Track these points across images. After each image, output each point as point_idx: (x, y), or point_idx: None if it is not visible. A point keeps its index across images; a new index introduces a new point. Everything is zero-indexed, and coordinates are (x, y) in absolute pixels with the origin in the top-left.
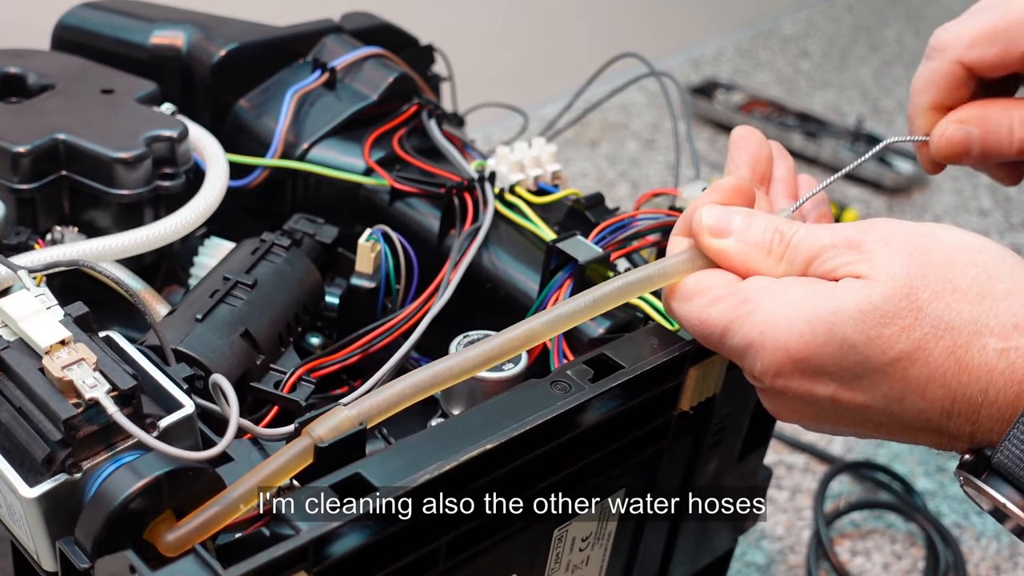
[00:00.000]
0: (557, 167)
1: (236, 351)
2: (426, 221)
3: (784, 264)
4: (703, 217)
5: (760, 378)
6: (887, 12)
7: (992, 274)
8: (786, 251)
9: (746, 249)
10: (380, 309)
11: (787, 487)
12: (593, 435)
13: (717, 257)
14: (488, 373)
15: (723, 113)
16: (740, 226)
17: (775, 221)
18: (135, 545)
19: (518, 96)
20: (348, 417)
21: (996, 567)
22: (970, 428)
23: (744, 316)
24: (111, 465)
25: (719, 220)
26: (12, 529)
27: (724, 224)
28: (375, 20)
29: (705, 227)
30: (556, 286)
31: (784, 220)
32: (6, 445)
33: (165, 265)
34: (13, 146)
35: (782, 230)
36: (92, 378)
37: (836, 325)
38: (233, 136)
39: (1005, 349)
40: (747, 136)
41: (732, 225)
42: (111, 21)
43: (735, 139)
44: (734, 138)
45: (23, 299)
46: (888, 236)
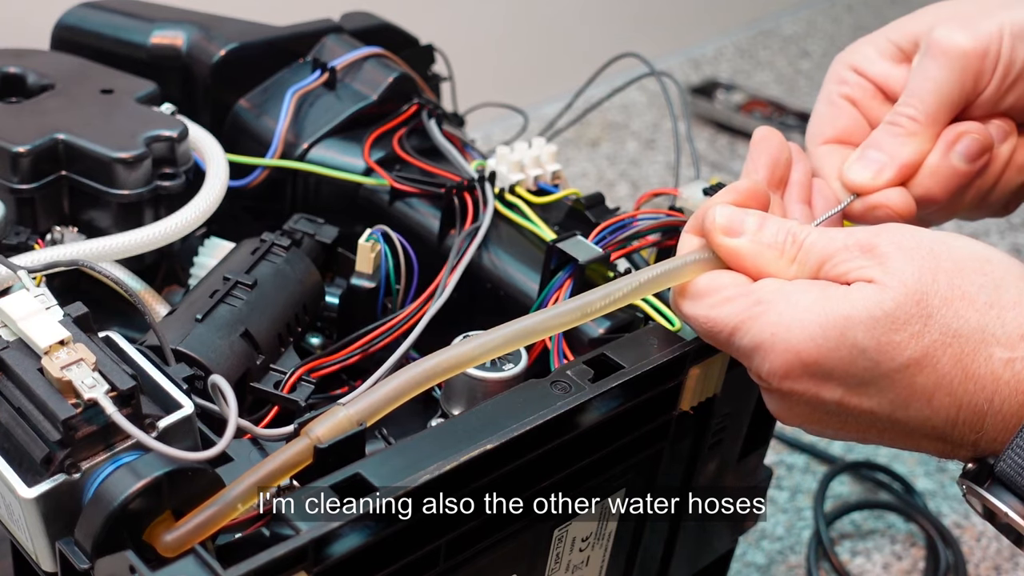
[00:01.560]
0: (557, 167)
1: (236, 351)
2: (426, 221)
3: (796, 266)
4: (716, 216)
5: (767, 379)
6: (887, 12)
7: (1000, 284)
8: (798, 253)
9: (758, 249)
10: (380, 309)
11: (787, 487)
12: (593, 435)
13: (729, 256)
14: (488, 373)
15: (723, 113)
16: (753, 227)
17: (788, 223)
18: (135, 545)
19: (518, 96)
20: (347, 416)
21: (996, 567)
22: (974, 437)
23: (755, 317)
24: (110, 465)
25: (732, 220)
26: (11, 529)
27: (737, 224)
28: (375, 20)
29: (718, 226)
30: (556, 286)
31: (796, 223)
32: (5, 445)
33: (165, 265)
34: (13, 146)
35: (795, 232)
36: (91, 378)
37: (848, 329)
38: (233, 136)
39: (1011, 359)
40: (768, 138)
41: (745, 226)
42: (111, 21)
43: (756, 140)
44: (755, 139)
45: (23, 299)
46: (901, 241)
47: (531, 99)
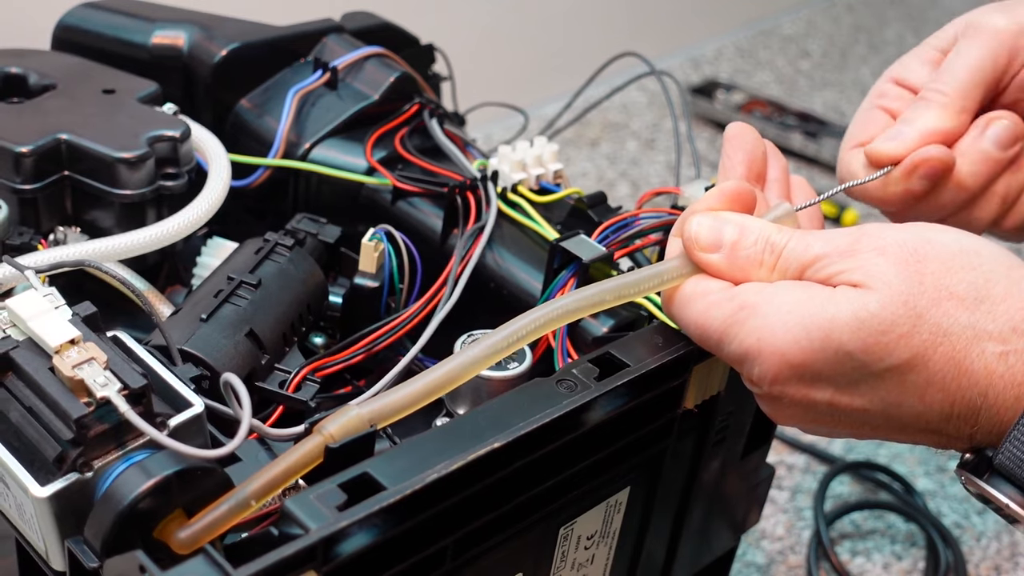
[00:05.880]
0: (559, 166)
1: (241, 351)
2: (429, 220)
3: (777, 274)
4: (692, 229)
5: (758, 384)
6: (887, 12)
7: (989, 277)
8: (777, 262)
9: (737, 263)
10: (384, 308)
11: (787, 487)
12: (599, 433)
13: (708, 270)
14: (493, 372)
15: (723, 113)
16: (730, 238)
17: (766, 232)
18: (144, 545)
19: (518, 96)
20: (359, 416)
21: (996, 567)
22: (969, 430)
23: (740, 322)
24: (122, 464)
25: (709, 233)
26: (21, 528)
27: (715, 237)
28: (376, 20)
29: (695, 240)
30: (560, 285)
31: (775, 230)
32: (16, 444)
33: (167, 265)
34: (15, 146)
35: (773, 241)
36: (103, 377)
37: (832, 332)
38: (234, 136)
39: (1004, 352)
40: (742, 134)
41: (723, 237)
42: (111, 21)
43: (730, 136)
44: (729, 135)
45: (32, 299)
46: (883, 244)
47: (531, 99)
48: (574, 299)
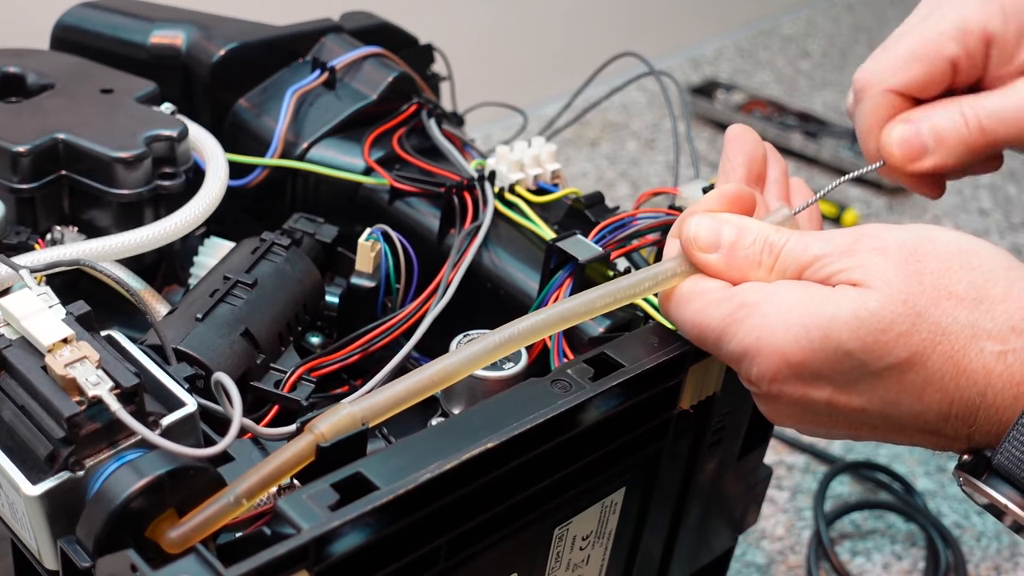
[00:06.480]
0: (557, 166)
1: (236, 350)
2: (426, 220)
3: (775, 275)
4: (691, 229)
5: (756, 383)
6: (887, 12)
7: (988, 277)
8: (776, 262)
9: (735, 264)
10: (380, 308)
11: (787, 487)
12: (594, 434)
13: (706, 271)
14: (488, 372)
15: (723, 113)
16: (729, 238)
17: (764, 232)
18: (136, 544)
19: (518, 96)
20: (351, 415)
21: (996, 567)
22: (967, 430)
23: (739, 321)
24: (113, 463)
25: (708, 233)
26: (13, 527)
27: (713, 237)
28: (374, 19)
29: (694, 241)
30: (556, 285)
31: (773, 230)
32: (8, 443)
33: (165, 265)
34: (13, 146)
35: (771, 242)
36: (95, 376)
37: (832, 331)
38: (233, 136)
39: (1003, 352)
40: (742, 135)
41: (722, 237)
42: (110, 21)
43: (730, 137)
44: (729, 136)
45: (25, 297)
46: (882, 244)
47: (531, 99)
48: (574, 303)
